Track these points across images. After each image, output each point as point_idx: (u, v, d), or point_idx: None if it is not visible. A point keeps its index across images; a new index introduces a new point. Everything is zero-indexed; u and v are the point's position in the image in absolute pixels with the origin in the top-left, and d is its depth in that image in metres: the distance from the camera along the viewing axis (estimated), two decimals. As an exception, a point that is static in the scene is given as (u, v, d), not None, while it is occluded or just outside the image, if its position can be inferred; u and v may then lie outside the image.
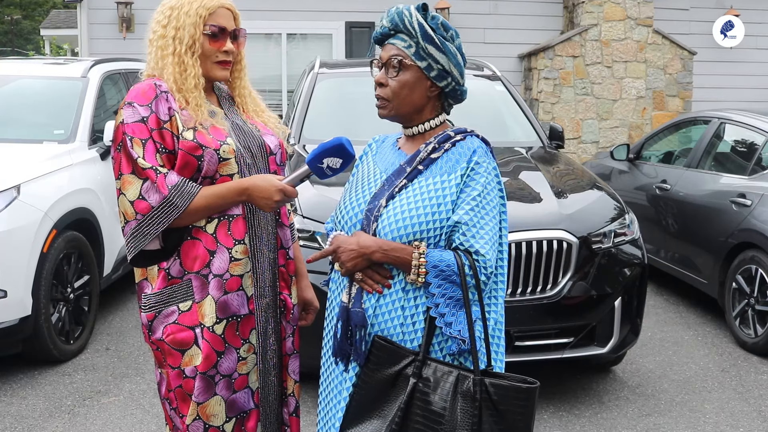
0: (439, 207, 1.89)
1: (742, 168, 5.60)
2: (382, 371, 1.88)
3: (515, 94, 5.72)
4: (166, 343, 2.03)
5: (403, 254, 1.87)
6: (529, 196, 4.24)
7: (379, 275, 1.92)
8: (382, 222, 1.92)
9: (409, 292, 1.90)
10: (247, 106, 2.24)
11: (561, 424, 3.89)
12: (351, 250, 1.90)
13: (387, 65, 1.97)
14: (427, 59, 1.93)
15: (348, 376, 1.97)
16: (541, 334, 3.94)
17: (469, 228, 1.87)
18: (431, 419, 1.82)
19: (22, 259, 4.24)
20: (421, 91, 1.96)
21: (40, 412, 3.96)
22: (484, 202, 1.90)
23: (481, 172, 1.92)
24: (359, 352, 1.92)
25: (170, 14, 2.07)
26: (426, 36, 1.92)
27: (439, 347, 1.90)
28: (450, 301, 1.86)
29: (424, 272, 1.85)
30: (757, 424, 3.93)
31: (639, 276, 4.15)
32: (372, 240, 1.90)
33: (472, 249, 1.86)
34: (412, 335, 1.90)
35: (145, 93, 2.01)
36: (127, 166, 1.98)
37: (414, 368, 1.85)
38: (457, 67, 1.96)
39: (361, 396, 1.91)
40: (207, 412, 2.05)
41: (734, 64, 11.52)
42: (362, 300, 1.94)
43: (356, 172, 2.12)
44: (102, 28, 10.35)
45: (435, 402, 1.82)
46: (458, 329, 1.85)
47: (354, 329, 1.93)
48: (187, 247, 2.03)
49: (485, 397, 1.80)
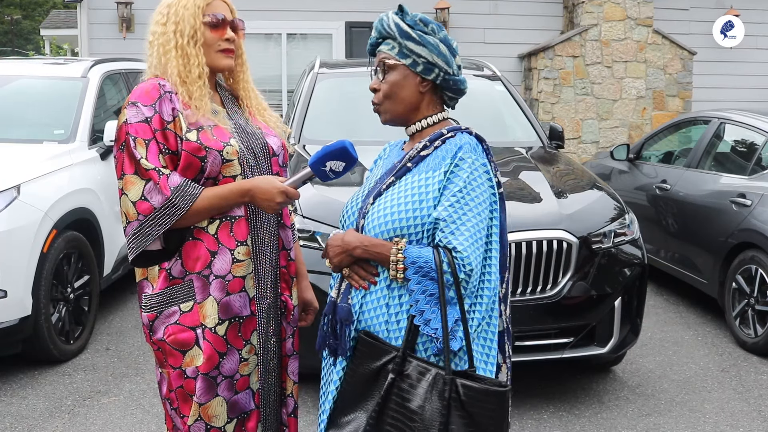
0: (421, 204, 1.89)
1: (742, 168, 5.60)
2: (366, 366, 1.90)
3: (515, 94, 5.72)
4: (167, 344, 2.03)
5: (382, 250, 1.88)
6: (529, 196, 4.24)
7: (364, 271, 1.94)
8: (368, 219, 1.95)
9: (394, 290, 1.91)
10: (251, 101, 2.25)
11: (561, 424, 3.89)
12: (336, 246, 1.95)
13: (378, 71, 2.01)
14: (411, 56, 1.95)
15: (335, 370, 2.00)
16: (541, 334, 3.95)
17: (447, 224, 1.85)
18: (406, 416, 1.82)
19: (22, 259, 4.24)
20: (411, 87, 1.98)
21: (40, 412, 3.96)
22: (467, 198, 1.87)
23: (464, 167, 1.89)
24: (344, 347, 1.96)
25: (168, 11, 2.08)
26: (403, 33, 1.95)
27: (423, 346, 1.89)
28: (430, 298, 1.84)
29: (402, 268, 1.86)
30: (757, 424, 3.94)
31: (639, 276, 4.16)
32: (355, 236, 1.93)
33: (450, 246, 1.84)
34: (396, 332, 1.90)
35: (148, 93, 2.01)
36: (129, 166, 1.98)
37: (394, 365, 1.86)
38: (440, 57, 1.95)
39: (347, 390, 1.95)
40: (209, 413, 2.05)
41: (734, 64, 11.52)
42: (349, 296, 1.97)
43: (369, 175, 2.15)
44: (102, 28, 10.35)
45: (412, 399, 1.83)
46: (435, 327, 1.84)
47: (340, 324, 1.96)
48: (188, 248, 2.03)
49: (454, 397, 1.80)
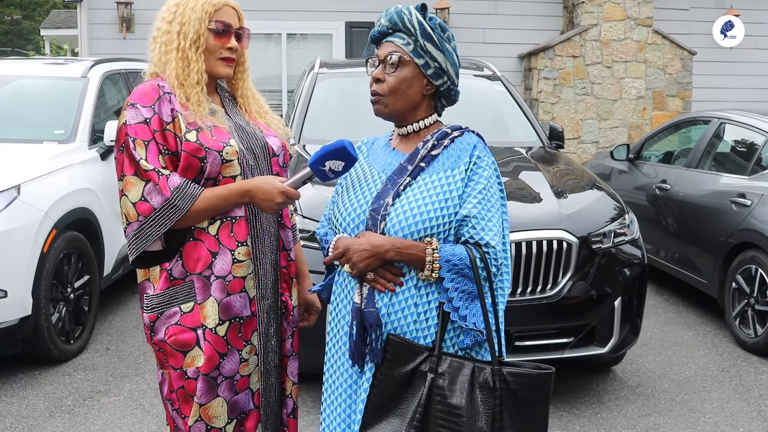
0: (447, 202, 1.91)
1: (742, 168, 5.60)
2: (399, 369, 1.88)
3: (515, 94, 5.72)
4: (168, 344, 2.03)
5: (416, 251, 1.88)
6: (529, 196, 4.24)
7: (390, 274, 1.92)
8: (390, 220, 1.92)
9: (421, 289, 1.91)
10: (250, 107, 2.24)
11: (561, 423, 3.89)
12: (363, 250, 1.89)
13: (384, 62, 1.99)
14: (425, 57, 1.96)
15: (365, 378, 1.95)
16: (541, 334, 3.94)
17: (478, 221, 1.89)
18: (451, 413, 1.82)
19: (22, 259, 4.24)
20: (417, 88, 1.99)
21: (40, 412, 3.96)
22: (489, 195, 1.93)
23: (484, 166, 1.95)
24: (376, 352, 1.91)
25: (175, 11, 2.07)
26: (425, 34, 1.95)
27: (451, 342, 1.92)
28: (463, 294, 1.88)
29: (437, 267, 1.87)
30: (757, 423, 3.94)
31: (639, 276, 4.15)
32: (384, 239, 1.90)
33: (482, 241, 1.88)
34: (425, 331, 1.91)
35: (148, 94, 2.01)
36: (129, 167, 1.98)
37: (430, 363, 1.86)
38: (453, 67, 2.01)
39: (378, 396, 1.90)
40: (209, 414, 2.05)
41: (734, 64, 11.52)
42: (375, 300, 1.93)
43: (347, 176, 2.11)
44: (102, 28, 10.35)
45: (453, 396, 1.83)
46: (473, 321, 1.88)
47: (369, 329, 1.91)
48: (189, 249, 2.03)
49: (504, 386, 1.82)
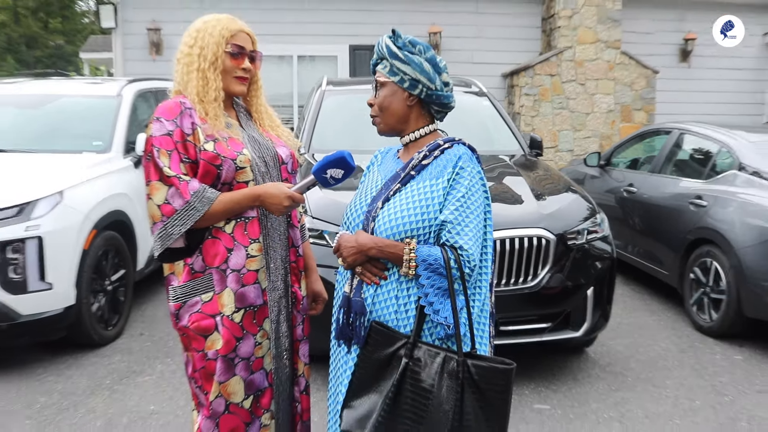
0: (428, 208, 1.89)
1: (699, 173, 5.59)
2: (379, 353, 1.89)
3: (500, 108, 5.71)
4: (191, 330, 2.04)
5: (395, 250, 1.88)
6: (512, 198, 4.23)
7: (376, 269, 1.93)
8: (378, 222, 1.93)
9: (402, 284, 1.91)
10: (263, 121, 2.24)
11: (540, 398, 3.89)
12: (351, 247, 1.93)
13: (374, 89, 2.04)
14: (399, 73, 1.97)
15: (350, 357, 1.98)
16: (522, 320, 3.93)
17: (454, 226, 1.86)
18: (420, 395, 1.82)
19: (66, 256, 4.24)
20: (399, 101, 1.99)
21: (83, 389, 3.96)
22: (468, 203, 1.89)
23: (465, 176, 1.92)
24: (359, 336, 1.94)
25: (196, 36, 2.09)
26: (392, 54, 1.97)
27: (429, 332, 1.90)
28: (438, 291, 1.86)
29: (414, 266, 1.86)
30: (711, 397, 3.93)
31: (609, 268, 4.14)
32: (369, 238, 1.91)
33: (457, 245, 1.86)
34: (404, 321, 1.91)
35: (171, 109, 2.02)
36: (154, 174, 1.98)
37: (406, 350, 1.86)
38: (423, 74, 1.95)
39: (361, 374, 1.93)
40: (228, 390, 2.05)
41: (692, 81, 11.52)
42: (362, 290, 1.95)
43: (364, 180, 2.13)
44: (134, 52, 10.35)
45: (424, 380, 1.82)
46: (444, 316, 1.86)
47: (354, 316, 1.95)
48: (208, 245, 2.03)
49: (467, 376, 1.80)
